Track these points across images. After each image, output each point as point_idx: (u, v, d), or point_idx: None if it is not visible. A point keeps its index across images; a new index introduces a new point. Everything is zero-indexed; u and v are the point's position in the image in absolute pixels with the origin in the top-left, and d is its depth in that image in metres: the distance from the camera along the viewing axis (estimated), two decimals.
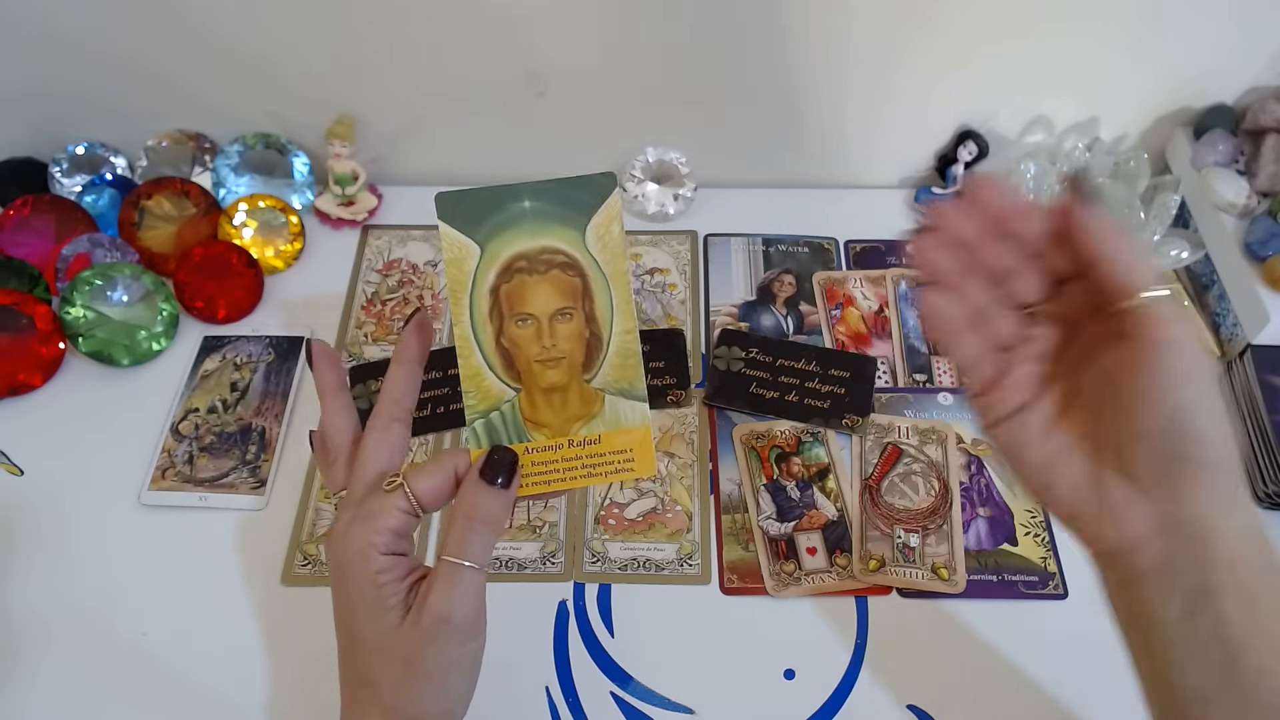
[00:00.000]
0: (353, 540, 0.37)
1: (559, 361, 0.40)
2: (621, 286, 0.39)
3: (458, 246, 0.39)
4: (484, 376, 0.40)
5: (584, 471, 0.40)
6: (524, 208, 0.39)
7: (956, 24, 0.66)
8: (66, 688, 0.53)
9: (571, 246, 0.39)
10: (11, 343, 0.64)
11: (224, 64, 0.70)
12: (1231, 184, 0.68)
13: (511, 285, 0.39)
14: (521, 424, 0.40)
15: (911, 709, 0.52)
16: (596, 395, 0.40)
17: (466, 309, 0.39)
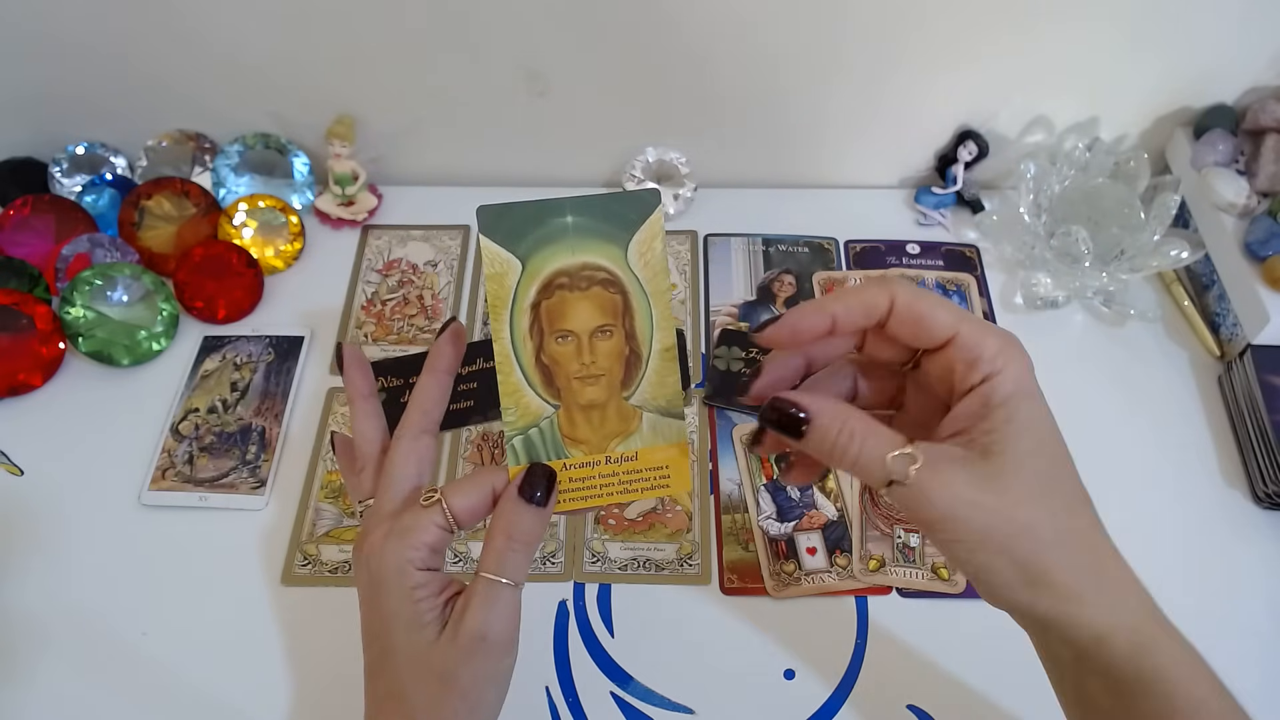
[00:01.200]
0: (389, 555, 0.37)
1: (598, 379, 0.40)
2: (662, 304, 0.39)
3: (499, 261, 0.39)
4: (523, 393, 0.40)
5: (620, 488, 0.40)
6: (566, 223, 0.39)
7: (956, 24, 0.66)
8: (66, 688, 0.53)
9: (613, 263, 0.39)
10: (11, 343, 0.64)
11: (224, 64, 0.70)
12: (1231, 184, 0.68)
13: (552, 302, 0.39)
14: (560, 441, 0.40)
15: (911, 709, 0.52)
16: (634, 412, 0.40)
17: (507, 325, 0.39)
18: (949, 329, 0.34)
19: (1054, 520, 0.33)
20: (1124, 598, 0.35)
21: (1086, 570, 0.34)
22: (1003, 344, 0.34)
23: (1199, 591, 0.57)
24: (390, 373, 0.66)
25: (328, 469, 0.62)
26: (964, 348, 0.34)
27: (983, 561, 0.34)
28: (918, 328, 0.35)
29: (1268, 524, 0.60)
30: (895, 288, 0.35)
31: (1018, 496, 0.33)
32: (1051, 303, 0.70)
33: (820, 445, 0.35)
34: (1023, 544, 0.33)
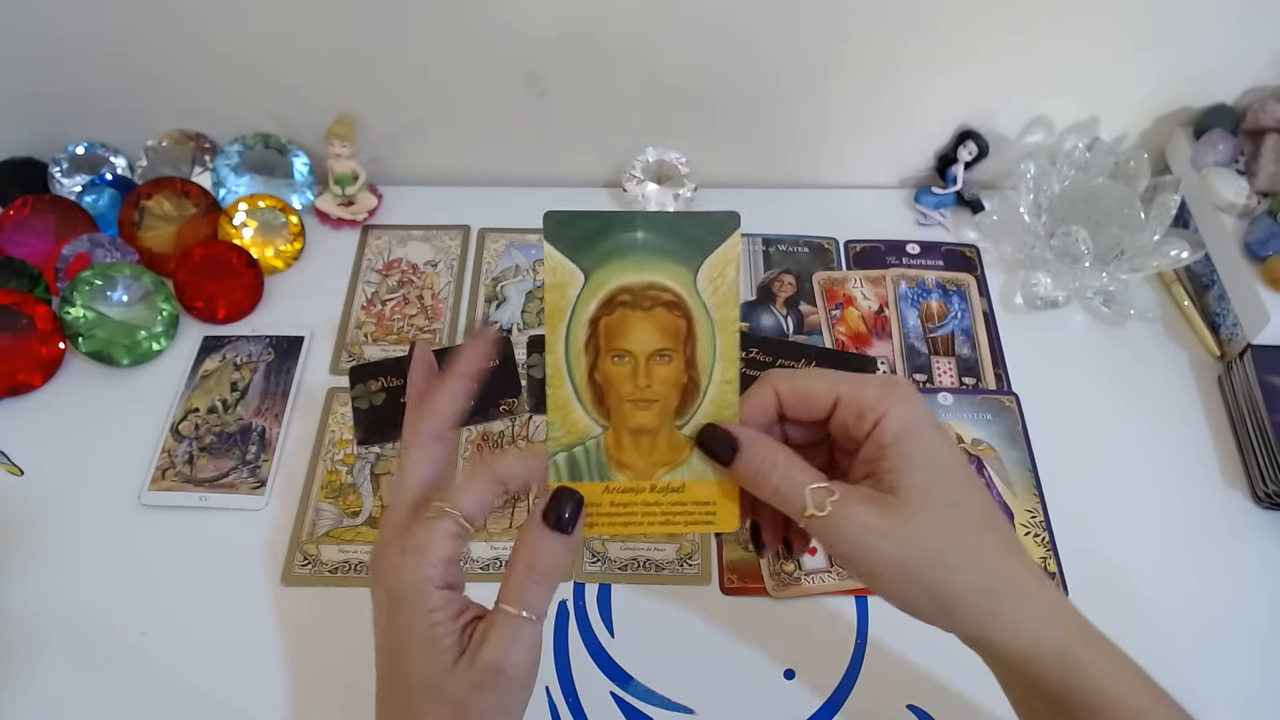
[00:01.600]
0: (406, 573, 0.36)
1: (652, 404, 0.38)
2: (728, 334, 0.38)
3: (561, 271, 0.37)
4: (572, 409, 0.38)
5: (663, 519, 0.39)
6: (636, 238, 0.37)
7: (956, 24, 0.66)
8: (66, 688, 0.53)
9: (680, 285, 0.37)
10: (11, 343, 0.64)
11: (224, 64, 0.70)
12: (1231, 184, 0.68)
13: (613, 319, 0.37)
14: (605, 463, 0.38)
15: (911, 709, 0.52)
16: (686, 443, 0.39)
17: (562, 338, 0.38)
18: (829, 394, 0.37)
19: (959, 546, 0.35)
20: (1044, 614, 0.36)
21: (1000, 591, 0.35)
22: (881, 389, 0.37)
23: (1199, 591, 0.57)
24: (390, 373, 0.66)
25: (328, 469, 0.62)
26: (847, 404, 0.37)
27: (901, 592, 0.36)
28: (806, 403, 0.38)
29: (1268, 524, 0.60)
30: (774, 380, 0.38)
31: (923, 527, 0.35)
32: (1051, 303, 0.70)
33: (745, 470, 0.37)
34: (931, 572, 0.35)
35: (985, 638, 0.36)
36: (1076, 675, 0.35)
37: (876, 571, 0.35)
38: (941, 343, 0.69)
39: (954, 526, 0.35)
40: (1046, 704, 0.36)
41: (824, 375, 0.38)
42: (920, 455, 0.36)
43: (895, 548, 0.35)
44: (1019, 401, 0.65)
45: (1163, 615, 0.56)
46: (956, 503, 0.36)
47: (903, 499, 0.35)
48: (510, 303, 0.71)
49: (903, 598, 0.36)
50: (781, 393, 0.38)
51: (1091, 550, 0.58)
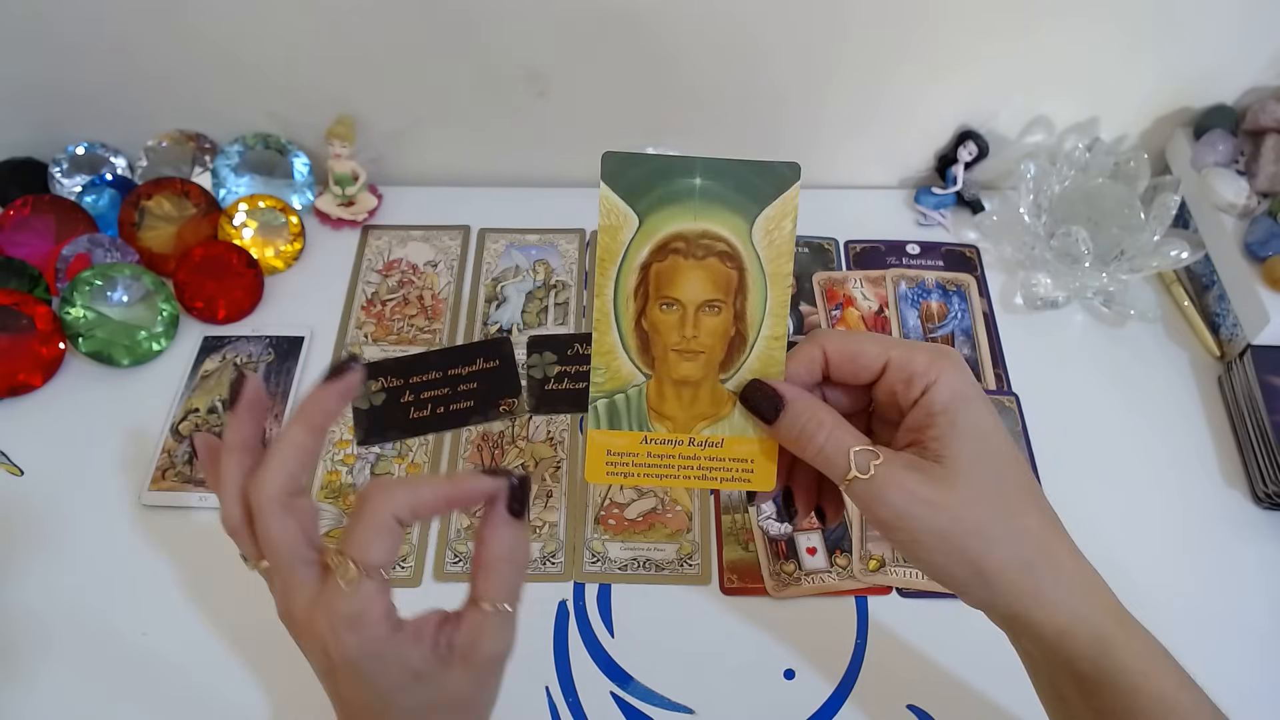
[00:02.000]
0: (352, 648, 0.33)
1: (697, 355, 0.38)
2: (780, 289, 0.37)
3: (616, 214, 0.37)
4: (616, 355, 0.37)
5: (699, 473, 0.38)
6: (694, 185, 0.37)
7: (956, 24, 0.66)
8: (66, 688, 0.53)
9: (735, 235, 0.37)
10: (11, 343, 0.64)
11: (224, 64, 0.70)
12: (1231, 184, 0.68)
13: (664, 265, 0.37)
14: (645, 412, 0.38)
15: (911, 709, 0.52)
16: (729, 397, 0.38)
17: (612, 282, 0.37)
18: (879, 358, 0.37)
19: (1003, 520, 0.35)
20: (1082, 595, 0.36)
21: (1040, 568, 0.35)
22: (933, 356, 0.36)
23: (1199, 591, 0.57)
24: (390, 373, 0.66)
25: (327, 469, 0.62)
26: (898, 369, 0.36)
27: (940, 561, 0.35)
28: (854, 365, 0.37)
29: (1268, 524, 0.60)
30: (822, 339, 0.38)
31: (967, 497, 0.34)
32: (1051, 303, 0.70)
33: (790, 430, 0.36)
34: (973, 543, 0.34)
35: (1020, 613, 0.35)
36: (1109, 656, 0.35)
37: (917, 538, 0.35)
38: (941, 343, 0.69)
39: (998, 499, 0.35)
40: (1076, 684, 0.36)
41: (874, 338, 0.37)
42: (968, 426, 0.35)
43: (938, 515, 0.34)
44: (1019, 402, 0.65)
45: (1163, 615, 0.55)
46: (1002, 476, 0.36)
47: (949, 468, 0.35)
48: (510, 303, 0.71)
49: (940, 566, 0.35)
50: (830, 352, 0.37)
51: (1091, 550, 0.58)
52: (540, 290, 0.72)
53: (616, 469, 0.39)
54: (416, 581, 0.57)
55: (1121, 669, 0.35)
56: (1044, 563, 0.35)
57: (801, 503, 0.40)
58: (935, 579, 0.36)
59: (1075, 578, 0.36)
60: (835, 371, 0.38)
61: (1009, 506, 0.35)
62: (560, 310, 0.71)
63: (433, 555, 0.58)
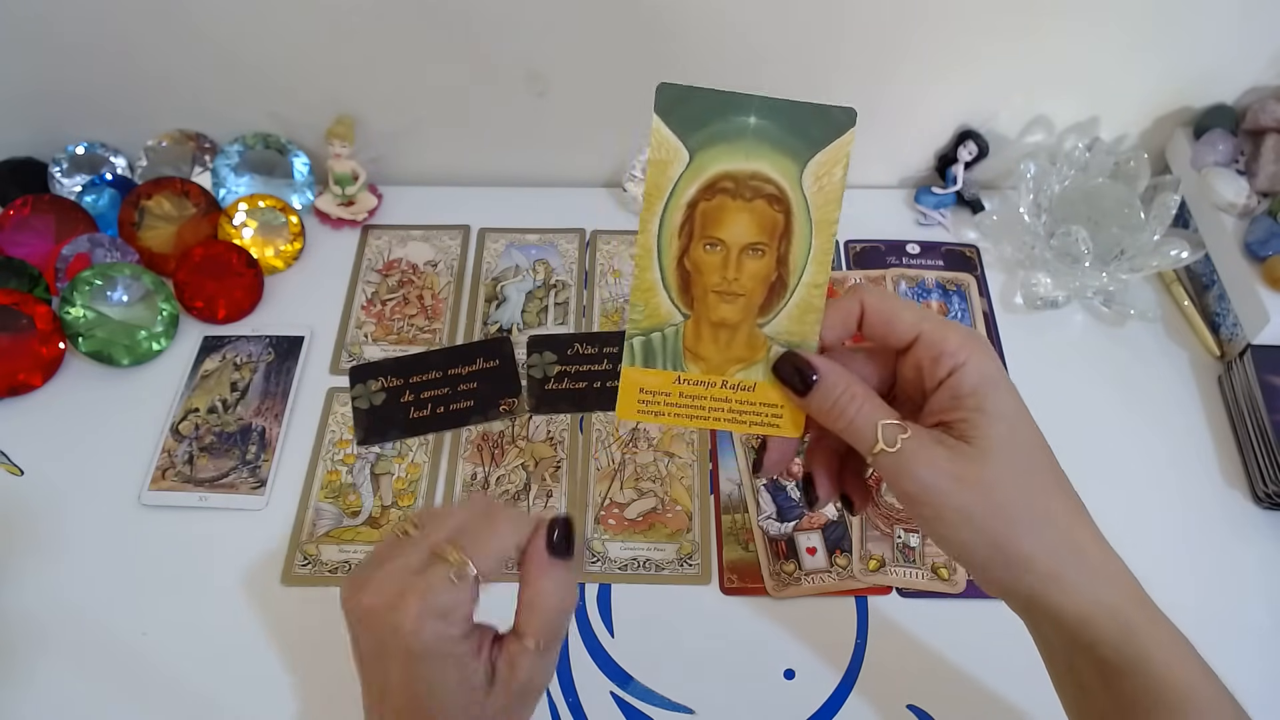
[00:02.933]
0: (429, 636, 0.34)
1: (737, 298, 0.37)
2: (825, 236, 0.37)
3: (667, 148, 0.36)
4: (656, 292, 0.37)
5: (730, 416, 0.38)
6: (748, 123, 0.37)
7: (956, 24, 0.66)
8: (66, 688, 0.53)
9: (785, 178, 0.36)
10: (11, 343, 0.64)
11: (224, 64, 0.70)
12: (1231, 184, 0.68)
13: (711, 205, 0.37)
14: (680, 352, 0.38)
15: (911, 709, 0.52)
16: (764, 342, 0.38)
17: (658, 218, 0.37)
18: (913, 328, 0.36)
19: (1030, 503, 0.35)
20: (1106, 580, 0.35)
21: (1065, 552, 0.35)
22: (964, 338, 0.36)
23: (1199, 591, 0.57)
24: (390, 373, 0.66)
25: (328, 469, 0.62)
26: (928, 344, 0.36)
27: (964, 539, 0.35)
28: (888, 328, 0.37)
29: (1268, 524, 0.60)
30: (863, 294, 0.37)
31: (994, 477, 0.34)
32: (1051, 303, 0.70)
33: (822, 403, 0.36)
34: (999, 525, 0.34)
35: (1042, 597, 0.35)
36: (1133, 643, 0.35)
37: (943, 515, 0.35)
38: None
39: (1026, 483, 0.35)
40: (1097, 671, 0.36)
41: (911, 306, 0.37)
42: (996, 410, 0.35)
43: (966, 492, 0.34)
44: None
45: None
46: (1030, 461, 0.36)
47: (978, 448, 0.35)
48: (510, 303, 0.71)
49: (963, 544, 0.35)
50: (868, 308, 0.37)
51: None
52: (540, 290, 0.72)
53: (649, 407, 0.38)
54: None
55: (1145, 657, 0.35)
56: (1068, 548, 0.35)
57: (822, 489, 0.40)
58: (957, 558, 0.36)
59: (1100, 564, 0.36)
60: (869, 330, 0.38)
61: (1035, 490, 0.35)
62: (560, 310, 0.71)
63: None
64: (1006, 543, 0.35)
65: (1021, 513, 0.35)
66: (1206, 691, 0.35)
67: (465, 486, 0.61)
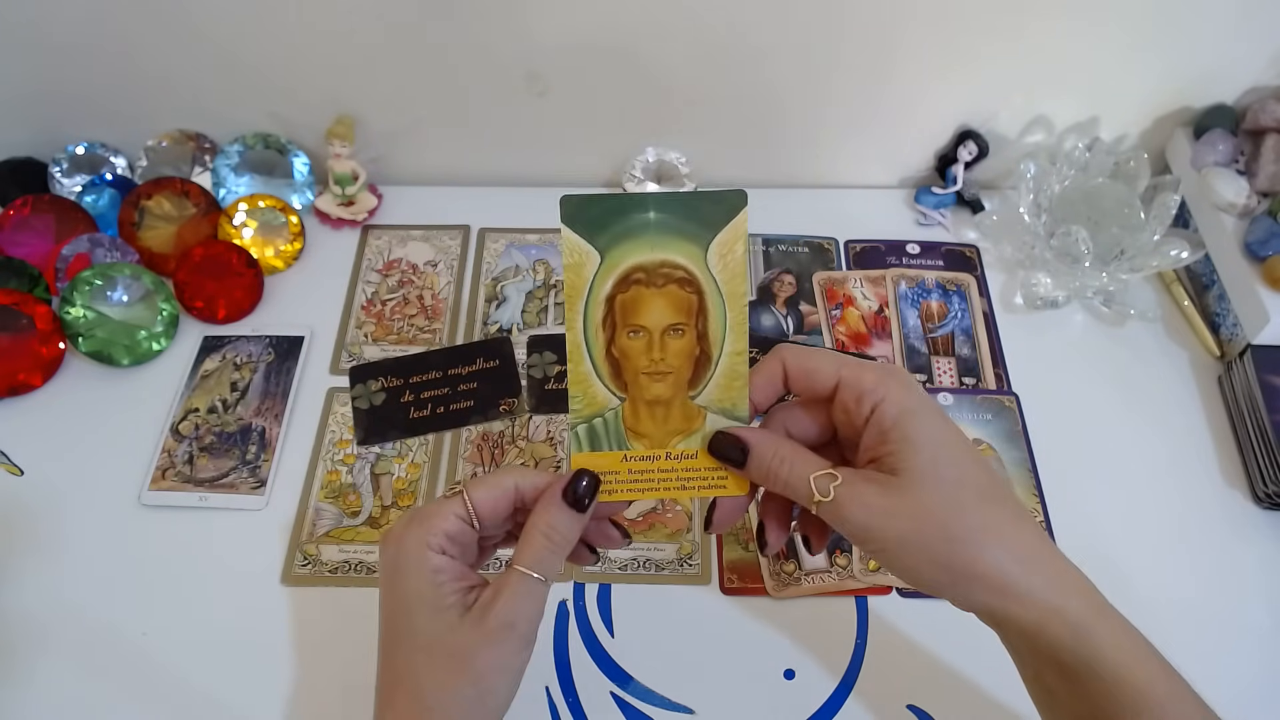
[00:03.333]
0: (410, 539, 0.38)
1: (666, 376, 0.40)
2: (738, 307, 0.40)
3: (578, 252, 0.39)
4: (591, 383, 0.40)
5: (678, 484, 0.41)
6: (648, 219, 0.39)
7: (956, 24, 0.66)
8: (66, 688, 0.53)
9: (692, 262, 0.39)
10: (11, 343, 0.64)
11: (224, 64, 0.70)
12: (1231, 184, 0.68)
13: (627, 296, 0.39)
14: (623, 432, 0.41)
15: (911, 709, 0.52)
16: (699, 412, 0.41)
17: (580, 315, 0.40)
18: (833, 375, 0.39)
19: (967, 519, 0.36)
20: (1055, 585, 0.36)
21: (1010, 562, 0.36)
22: (880, 375, 0.38)
23: (1199, 591, 0.57)
24: (390, 373, 0.66)
25: (328, 469, 0.62)
26: (848, 387, 0.38)
27: (911, 565, 0.37)
28: (810, 380, 0.39)
29: (1268, 524, 0.60)
30: (784, 353, 0.40)
31: (925, 502, 0.36)
32: (1051, 303, 0.70)
33: (757, 470, 0.39)
34: (940, 545, 0.36)
35: (997, 608, 0.36)
36: (1089, 643, 0.35)
37: (887, 548, 0.37)
38: (941, 343, 0.69)
39: (957, 499, 0.36)
40: (1059, 676, 0.37)
41: (829, 355, 0.40)
42: (919, 436, 0.37)
43: (899, 523, 0.36)
44: (1019, 401, 0.65)
45: (1162, 615, 0.55)
46: (959, 478, 0.37)
47: (904, 478, 0.36)
48: (510, 303, 0.71)
49: (913, 571, 0.37)
50: (789, 366, 0.40)
51: (1091, 550, 0.58)
52: (540, 290, 0.72)
53: (602, 488, 0.41)
54: None
55: (1100, 658, 0.35)
56: (1013, 558, 0.36)
57: (772, 537, 0.42)
58: (916, 586, 0.38)
59: (1048, 570, 0.37)
60: (794, 385, 0.40)
61: (970, 506, 0.36)
62: (560, 310, 0.71)
63: None
64: (951, 561, 0.36)
65: (960, 530, 0.36)
66: (1163, 689, 0.36)
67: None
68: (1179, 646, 0.54)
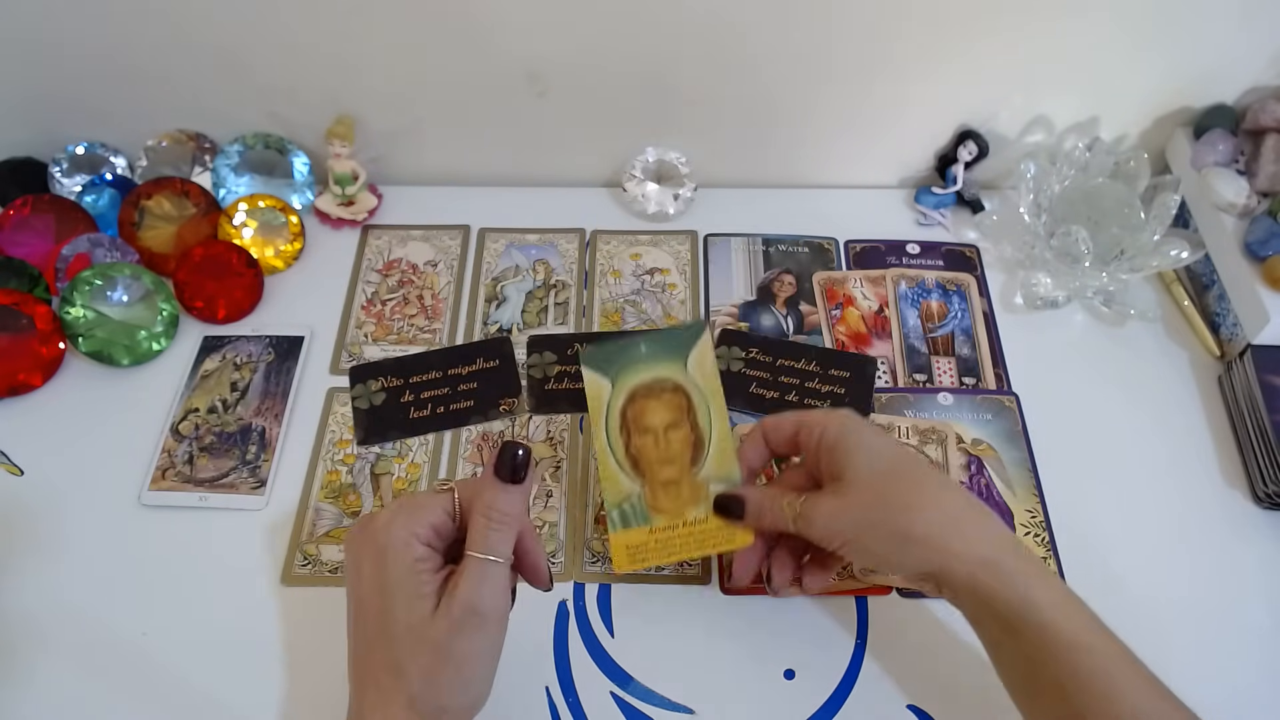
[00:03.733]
0: (397, 528, 0.41)
1: (672, 461, 0.52)
2: (717, 400, 0.53)
3: (596, 384, 0.53)
4: (618, 477, 0.52)
5: (695, 545, 0.51)
6: (641, 351, 0.54)
7: (956, 23, 0.66)
8: (66, 688, 0.53)
9: (677, 374, 0.53)
10: (11, 343, 0.64)
11: (224, 64, 0.70)
12: (1231, 184, 0.68)
13: (636, 408, 0.53)
14: (647, 510, 0.52)
15: (911, 709, 0.52)
16: (702, 485, 0.51)
17: (603, 428, 0.53)
18: (794, 425, 0.49)
19: (905, 494, 0.44)
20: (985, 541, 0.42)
21: (940, 523, 0.43)
22: (824, 412, 0.48)
23: (1199, 591, 0.57)
24: (390, 373, 0.66)
25: (328, 469, 0.62)
26: (804, 428, 0.48)
27: (869, 545, 0.44)
28: (779, 434, 0.50)
29: (1268, 524, 0.60)
30: (761, 424, 0.51)
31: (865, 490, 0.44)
32: (1051, 303, 0.70)
33: (753, 515, 0.49)
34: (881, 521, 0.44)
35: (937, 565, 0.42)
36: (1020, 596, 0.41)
37: (847, 539, 0.45)
38: (941, 343, 0.69)
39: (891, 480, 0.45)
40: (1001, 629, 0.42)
41: (792, 412, 0.50)
42: (855, 445, 0.46)
43: (851, 514, 0.44)
44: (1019, 401, 0.65)
45: (1162, 615, 0.56)
46: (889, 468, 0.45)
47: (847, 479, 0.45)
48: (510, 303, 0.71)
49: (871, 550, 0.44)
50: (766, 431, 0.50)
51: (1091, 550, 0.58)
52: (540, 290, 0.72)
53: (637, 556, 0.51)
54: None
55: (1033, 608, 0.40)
56: (941, 519, 0.43)
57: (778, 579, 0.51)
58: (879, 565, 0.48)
59: (975, 529, 0.43)
60: (771, 442, 0.50)
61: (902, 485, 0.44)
62: (560, 310, 0.71)
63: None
64: (893, 532, 0.43)
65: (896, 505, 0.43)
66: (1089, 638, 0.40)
67: None
68: (1179, 646, 0.54)
